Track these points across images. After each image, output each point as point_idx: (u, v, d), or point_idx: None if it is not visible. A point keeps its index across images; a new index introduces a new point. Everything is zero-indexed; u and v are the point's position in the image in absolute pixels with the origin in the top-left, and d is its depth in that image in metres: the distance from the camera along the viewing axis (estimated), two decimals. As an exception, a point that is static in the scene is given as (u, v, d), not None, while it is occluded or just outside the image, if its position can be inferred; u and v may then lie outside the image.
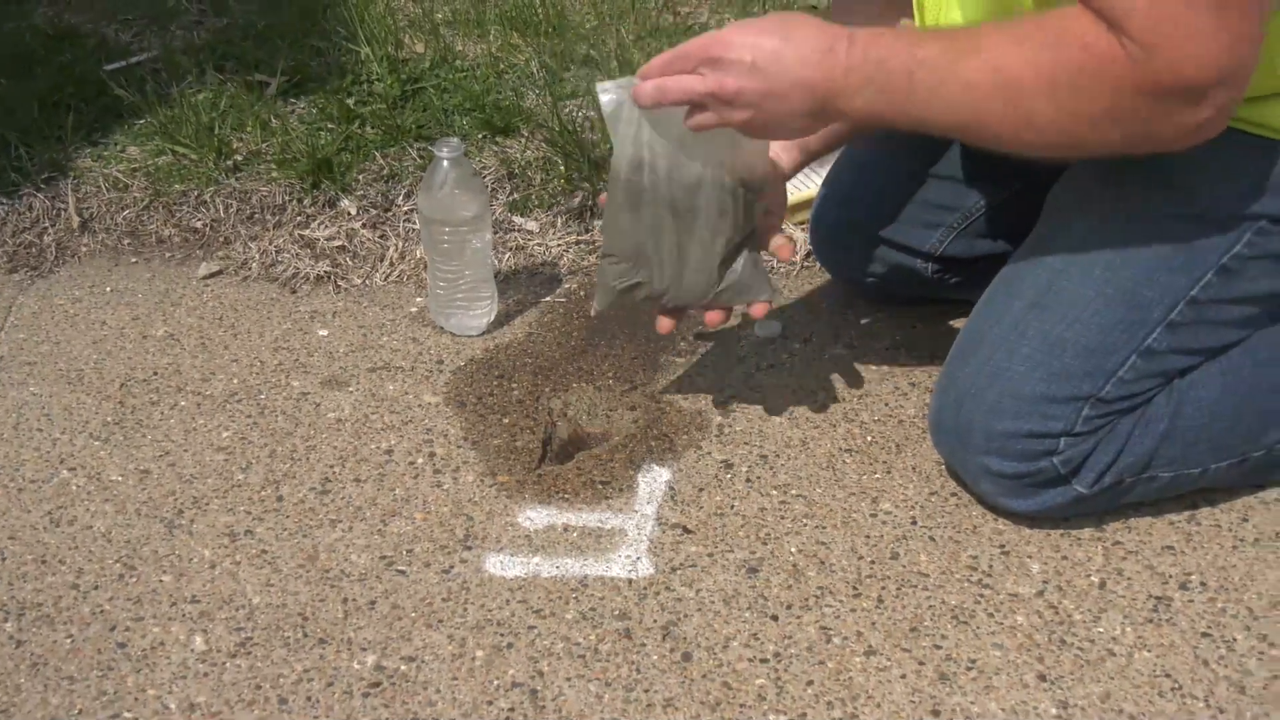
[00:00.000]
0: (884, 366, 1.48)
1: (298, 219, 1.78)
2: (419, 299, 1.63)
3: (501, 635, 1.12)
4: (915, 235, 1.45)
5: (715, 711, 1.04)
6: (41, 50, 2.18)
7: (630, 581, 1.17)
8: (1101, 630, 1.12)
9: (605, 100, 1.13)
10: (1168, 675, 1.08)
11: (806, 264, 1.69)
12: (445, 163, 1.45)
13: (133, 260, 1.74)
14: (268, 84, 2.05)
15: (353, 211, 1.79)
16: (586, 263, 1.70)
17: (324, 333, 1.57)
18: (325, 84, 2.02)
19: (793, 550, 1.21)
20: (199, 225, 1.79)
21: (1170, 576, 1.18)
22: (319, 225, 1.77)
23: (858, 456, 1.34)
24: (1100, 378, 1.14)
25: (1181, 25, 0.90)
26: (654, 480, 1.30)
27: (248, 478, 1.31)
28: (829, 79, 1.02)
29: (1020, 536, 1.22)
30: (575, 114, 1.93)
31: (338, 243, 1.74)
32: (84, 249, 1.75)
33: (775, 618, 1.13)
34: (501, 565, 1.20)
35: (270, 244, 1.73)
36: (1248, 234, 1.12)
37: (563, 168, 1.81)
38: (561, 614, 1.14)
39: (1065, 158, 1.18)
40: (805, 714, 1.04)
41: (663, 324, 1.29)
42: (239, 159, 1.88)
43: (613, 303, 1.27)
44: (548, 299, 1.63)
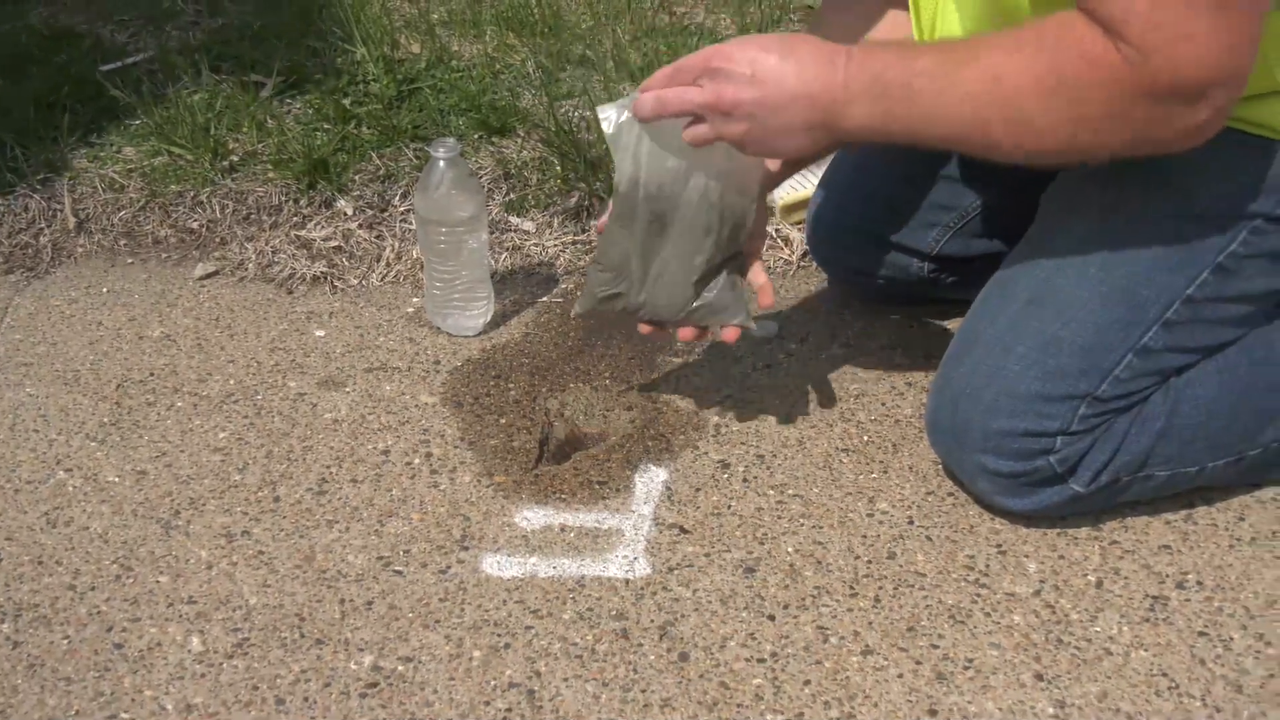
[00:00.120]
0: (880, 366, 1.49)
1: (294, 219, 1.78)
2: (415, 299, 1.63)
3: (499, 635, 1.12)
4: (912, 235, 1.45)
5: (712, 711, 1.04)
6: (37, 51, 2.18)
7: (627, 582, 1.17)
8: (1098, 629, 1.12)
9: (607, 122, 1.14)
10: (1165, 674, 1.08)
11: (803, 264, 1.69)
12: (441, 163, 1.44)
13: (129, 261, 1.73)
14: (263, 84, 2.05)
15: (349, 212, 1.79)
16: (583, 263, 1.70)
17: (320, 333, 1.56)
18: (321, 84, 2.02)
19: (790, 550, 1.21)
20: (195, 226, 1.79)
21: (1167, 576, 1.18)
22: (315, 226, 1.77)
23: (854, 456, 1.34)
24: (1096, 376, 1.14)
25: (1181, 27, 0.90)
26: (651, 480, 1.30)
27: (244, 478, 1.31)
28: (828, 92, 1.02)
29: (1017, 536, 1.22)
30: (571, 114, 1.93)
31: (334, 243, 1.73)
32: (80, 250, 1.75)
33: (772, 617, 1.13)
34: (498, 565, 1.20)
35: (266, 244, 1.73)
36: (1244, 233, 1.12)
37: (559, 168, 1.81)
38: (559, 614, 1.14)
39: (1065, 164, 1.18)
40: (802, 714, 1.04)
41: (642, 328, 1.31)
42: (235, 159, 1.88)
43: (592, 309, 1.28)
44: (544, 299, 1.63)
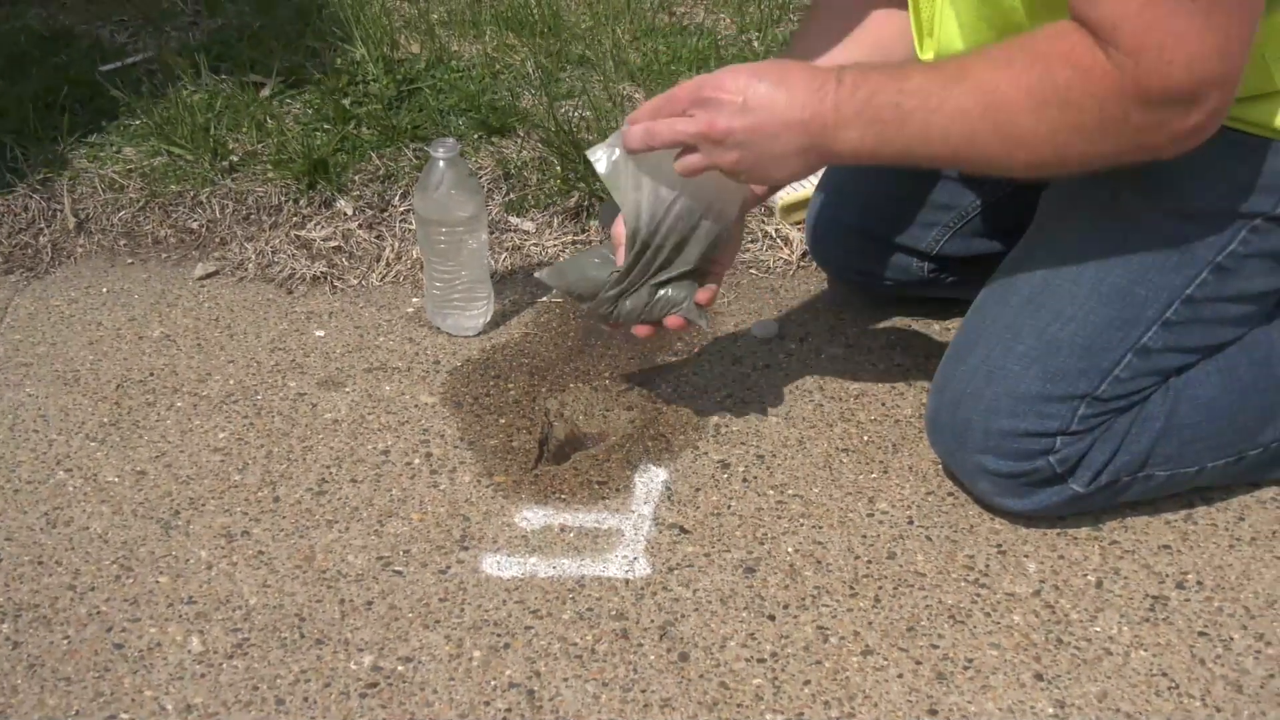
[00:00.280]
0: (880, 366, 1.49)
1: (294, 219, 1.78)
2: (415, 299, 1.63)
3: (498, 635, 1.12)
4: (911, 234, 1.45)
5: (712, 711, 1.04)
6: (36, 51, 2.18)
7: (627, 582, 1.17)
8: (1098, 629, 1.12)
9: (599, 163, 1.15)
10: (1164, 674, 1.08)
11: (803, 264, 1.69)
12: (441, 163, 1.44)
13: (129, 261, 1.73)
14: (263, 84, 2.05)
15: (349, 212, 1.79)
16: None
17: (320, 333, 1.56)
18: (321, 84, 2.02)
19: (789, 550, 1.21)
20: (195, 226, 1.79)
21: (1167, 576, 1.18)
22: (315, 226, 1.76)
23: (854, 456, 1.34)
24: (1096, 376, 1.14)
25: (1171, 33, 0.91)
26: (651, 480, 1.30)
27: (244, 478, 1.31)
28: (819, 116, 1.03)
29: (1017, 536, 1.22)
30: (571, 114, 1.93)
31: (334, 243, 1.73)
32: (80, 250, 1.75)
33: (772, 617, 1.13)
34: (498, 565, 1.20)
35: (266, 245, 1.73)
36: (1243, 232, 1.12)
37: (559, 168, 1.81)
38: (558, 614, 1.14)
39: (1061, 175, 1.18)
40: (802, 713, 1.04)
41: (604, 325, 1.31)
42: (235, 159, 1.87)
43: (560, 288, 1.28)
44: (544, 299, 1.63)
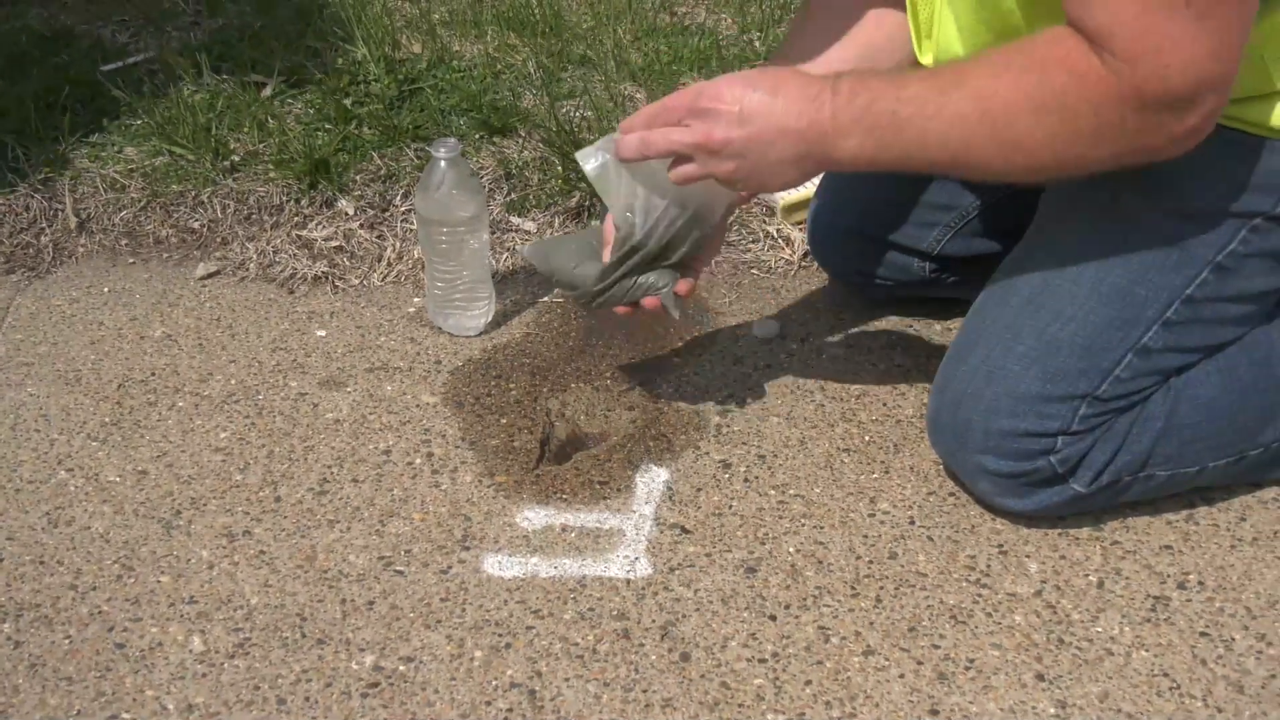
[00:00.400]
0: (882, 366, 1.49)
1: (295, 219, 1.78)
2: (417, 299, 1.63)
3: (500, 635, 1.12)
4: (912, 234, 1.45)
5: (714, 711, 1.04)
6: (37, 51, 2.18)
7: (628, 582, 1.17)
8: (1100, 630, 1.12)
9: (589, 166, 1.15)
10: (1166, 674, 1.08)
11: (804, 264, 1.69)
12: (443, 163, 1.44)
13: (130, 261, 1.73)
14: (264, 84, 2.05)
15: (350, 212, 1.79)
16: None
17: (322, 333, 1.56)
18: (322, 84, 2.02)
19: (791, 550, 1.21)
20: (196, 226, 1.79)
21: (1168, 576, 1.18)
22: (316, 226, 1.77)
23: (856, 456, 1.34)
24: (1096, 376, 1.14)
25: (1166, 38, 0.91)
26: (652, 480, 1.30)
27: (245, 478, 1.31)
28: (816, 124, 1.03)
29: (1018, 536, 1.22)
30: (572, 114, 1.94)
31: (335, 243, 1.73)
32: (81, 249, 1.75)
33: (773, 618, 1.13)
34: (500, 565, 1.20)
35: (268, 244, 1.73)
36: (1243, 231, 1.12)
37: (560, 168, 1.81)
38: (560, 614, 1.14)
39: (1058, 179, 1.19)
40: (804, 714, 1.04)
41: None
42: (236, 159, 1.87)
43: (541, 270, 1.28)
44: (545, 299, 1.63)
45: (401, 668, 1.09)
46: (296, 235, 1.75)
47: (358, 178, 1.84)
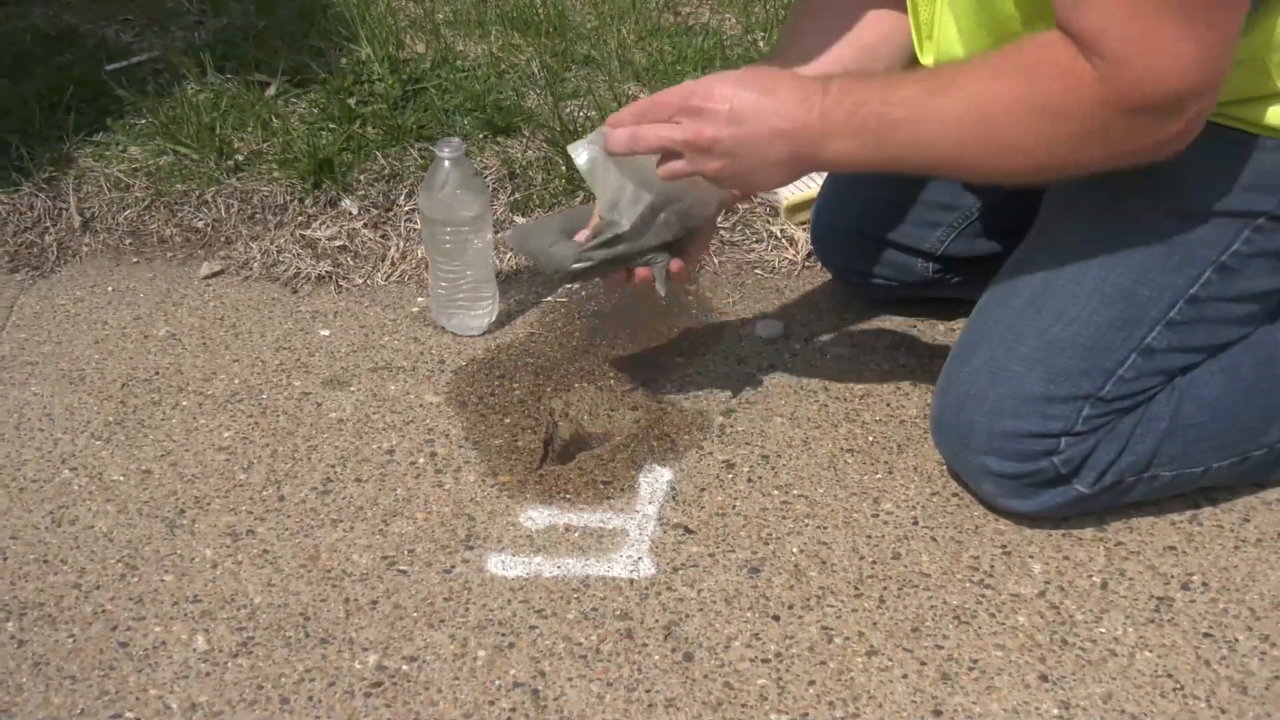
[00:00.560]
0: (885, 366, 1.49)
1: (299, 219, 1.78)
2: (420, 299, 1.63)
3: (503, 635, 1.12)
4: (915, 235, 1.45)
5: (717, 711, 1.04)
6: (41, 50, 2.18)
7: (632, 581, 1.18)
8: (1103, 630, 1.12)
9: (580, 159, 1.16)
10: (1169, 675, 1.08)
11: (807, 264, 1.69)
12: (447, 163, 1.45)
13: (134, 260, 1.74)
14: (268, 84, 2.05)
15: (354, 211, 1.79)
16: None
17: (325, 333, 1.57)
18: (326, 84, 2.02)
19: (794, 550, 1.21)
20: (200, 225, 1.79)
21: (1172, 577, 1.18)
22: (320, 225, 1.77)
23: (859, 456, 1.34)
24: (1099, 377, 1.14)
25: (1155, 43, 0.92)
26: (656, 480, 1.30)
27: (249, 477, 1.31)
28: (806, 126, 1.04)
29: (1022, 537, 1.22)
30: (576, 114, 1.94)
31: (339, 243, 1.74)
32: (85, 249, 1.75)
33: (777, 618, 1.13)
34: (503, 565, 1.20)
35: (272, 244, 1.73)
36: (1246, 231, 1.12)
37: (564, 168, 1.81)
38: (563, 614, 1.14)
39: (1048, 182, 1.19)
40: (807, 714, 1.04)
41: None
42: (240, 159, 1.88)
43: (522, 253, 1.28)
44: (549, 299, 1.63)
45: (405, 667, 1.09)
46: (300, 235, 1.75)
47: (361, 177, 1.84)
